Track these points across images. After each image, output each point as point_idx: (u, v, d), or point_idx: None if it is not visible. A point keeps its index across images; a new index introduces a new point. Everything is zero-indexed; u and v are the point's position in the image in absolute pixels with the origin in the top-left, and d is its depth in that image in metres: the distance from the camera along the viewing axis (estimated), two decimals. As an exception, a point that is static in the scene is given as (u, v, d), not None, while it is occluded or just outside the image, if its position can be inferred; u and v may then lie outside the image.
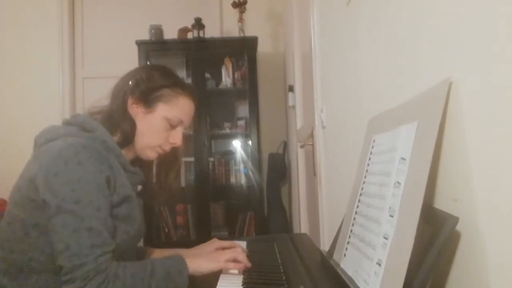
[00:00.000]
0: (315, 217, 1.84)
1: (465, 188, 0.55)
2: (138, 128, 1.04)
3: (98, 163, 0.89)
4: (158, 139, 1.05)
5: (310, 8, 1.79)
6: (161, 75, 1.07)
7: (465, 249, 0.55)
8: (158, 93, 1.04)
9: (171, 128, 1.06)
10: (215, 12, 3.36)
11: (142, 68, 1.10)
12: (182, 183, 3.06)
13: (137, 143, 1.04)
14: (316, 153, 1.75)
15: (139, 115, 1.04)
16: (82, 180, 0.86)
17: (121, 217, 0.94)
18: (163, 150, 1.08)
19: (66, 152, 0.87)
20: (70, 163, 0.86)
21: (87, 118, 1.00)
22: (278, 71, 3.32)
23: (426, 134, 0.58)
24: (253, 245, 1.22)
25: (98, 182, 0.88)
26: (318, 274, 0.85)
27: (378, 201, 0.68)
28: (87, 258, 0.82)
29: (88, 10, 3.37)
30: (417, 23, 0.72)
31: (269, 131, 3.21)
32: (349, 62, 1.23)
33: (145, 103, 1.04)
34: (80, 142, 0.90)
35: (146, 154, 1.07)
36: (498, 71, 0.48)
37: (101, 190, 0.88)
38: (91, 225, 0.84)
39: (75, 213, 0.84)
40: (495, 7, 0.49)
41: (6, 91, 3.12)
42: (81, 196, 0.85)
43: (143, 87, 1.04)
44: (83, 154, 0.88)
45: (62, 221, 0.83)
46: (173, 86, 1.06)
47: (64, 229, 0.83)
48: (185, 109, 1.08)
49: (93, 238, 0.83)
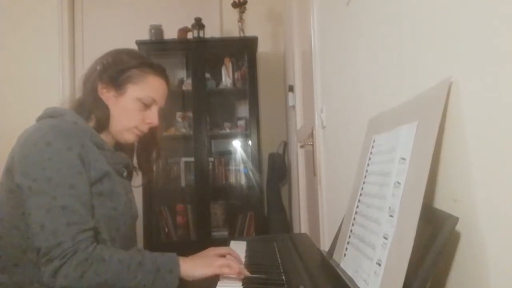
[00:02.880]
0: (315, 217, 1.84)
1: (465, 188, 0.55)
2: (112, 112, 1.03)
3: (67, 141, 0.88)
4: (133, 120, 1.04)
5: (310, 8, 1.79)
6: (128, 56, 1.06)
7: (465, 249, 0.55)
8: (126, 75, 1.03)
9: (145, 108, 1.05)
10: (215, 12, 3.36)
11: (109, 52, 1.08)
12: (182, 183, 3.07)
13: (113, 127, 1.04)
14: (316, 153, 1.75)
15: (111, 99, 1.03)
16: (52, 159, 0.85)
17: (104, 193, 0.93)
18: (140, 131, 1.06)
19: (34, 135, 0.88)
20: (38, 144, 0.86)
21: (54, 108, 1.01)
22: (278, 71, 3.32)
23: (426, 134, 0.58)
24: (253, 245, 1.22)
25: (70, 159, 0.87)
26: (318, 274, 0.85)
27: (378, 201, 0.68)
28: (63, 237, 0.80)
29: (88, 10, 3.37)
30: (417, 23, 0.72)
31: (269, 131, 3.21)
32: (349, 62, 1.23)
33: (115, 86, 1.02)
34: (47, 124, 0.90)
35: (124, 138, 1.05)
36: (498, 71, 0.48)
37: (73, 167, 0.87)
38: (64, 203, 0.83)
39: (47, 192, 0.83)
40: (495, 7, 0.49)
41: (6, 91, 3.12)
42: (52, 175, 0.84)
43: (110, 70, 1.02)
44: (50, 135, 0.87)
45: (35, 202, 0.83)
46: (140, 66, 1.04)
47: (37, 209, 0.82)
48: (155, 87, 1.06)
49: (68, 216, 0.82)
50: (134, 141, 1.09)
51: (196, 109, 3.00)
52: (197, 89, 3.01)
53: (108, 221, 0.93)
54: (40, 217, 0.82)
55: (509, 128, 0.46)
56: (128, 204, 1.01)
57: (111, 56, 1.06)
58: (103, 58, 1.06)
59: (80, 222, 0.83)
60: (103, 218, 0.92)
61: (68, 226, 0.81)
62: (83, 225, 0.83)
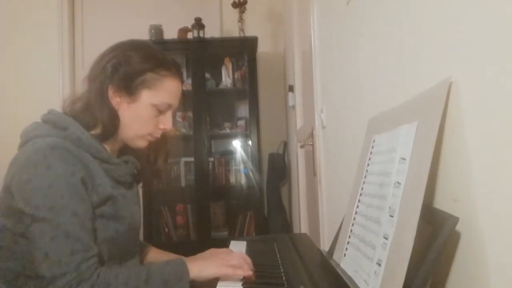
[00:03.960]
0: (315, 217, 1.84)
1: (465, 188, 0.55)
2: (124, 118, 0.95)
3: (69, 165, 0.83)
4: (148, 127, 0.98)
5: (310, 8, 1.79)
6: (141, 56, 0.96)
7: (465, 249, 0.55)
8: (141, 79, 0.94)
9: (159, 114, 0.98)
10: (215, 12, 3.36)
11: (118, 48, 0.98)
12: (182, 183, 3.07)
13: (124, 133, 0.97)
14: (316, 153, 1.75)
15: (123, 105, 0.95)
16: (54, 185, 0.81)
17: (107, 215, 0.90)
18: (153, 137, 1.00)
19: (34, 157, 0.83)
20: (39, 168, 0.81)
21: (60, 115, 0.93)
22: (278, 71, 3.32)
23: (426, 134, 0.58)
24: (253, 245, 1.22)
25: (72, 185, 0.83)
26: (318, 274, 0.85)
27: (378, 201, 0.68)
28: (68, 267, 0.78)
29: (88, 10, 3.37)
30: (417, 23, 0.72)
31: (269, 131, 3.21)
32: (349, 62, 1.23)
33: (128, 91, 0.94)
34: (48, 144, 0.84)
35: (135, 144, 0.99)
36: (498, 71, 0.48)
37: (76, 193, 0.83)
38: (68, 230, 0.79)
39: (49, 220, 0.79)
40: (495, 7, 0.49)
41: (6, 92, 3.12)
42: (54, 202, 0.80)
43: (122, 73, 0.93)
44: (51, 157, 0.82)
45: (38, 229, 0.79)
46: (156, 68, 0.95)
47: (41, 237, 0.79)
48: (172, 92, 0.98)
49: (72, 244, 0.79)
50: (145, 147, 1.02)
51: (196, 109, 3.00)
52: (197, 89, 3.01)
53: (110, 242, 0.90)
54: (44, 245, 0.79)
55: (509, 128, 0.46)
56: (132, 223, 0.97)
57: (122, 54, 0.96)
58: (112, 55, 0.96)
59: (83, 250, 0.80)
60: (104, 240, 0.89)
61: (72, 255, 0.79)
62: (87, 252, 0.81)
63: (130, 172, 1.01)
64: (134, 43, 1.01)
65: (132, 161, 1.03)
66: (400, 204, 0.59)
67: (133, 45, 1.00)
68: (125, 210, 0.95)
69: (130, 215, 0.96)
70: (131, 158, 1.03)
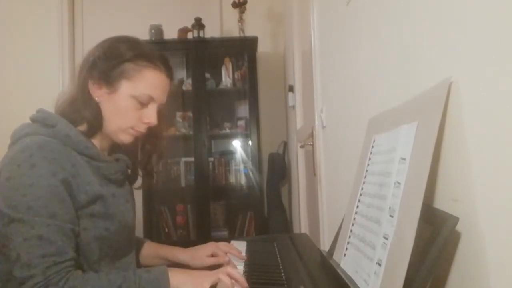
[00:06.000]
0: (315, 217, 1.84)
1: (465, 188, 0.55)
2: (105, 111, 0.94)
3: (53, 165, 0.82)
4: (128, 120, 0.95)
5: (310, 8, 1.79)
6: (122, 48, 0.95)
7: (465, 249, 0.55)
8: (119, 69, 0.93)
9: (141, 106, 0.95)
10: (215, 12, 3.36)
11: (103, 42, 0.97)
12: (182, 183, 3.07)
13: (107, 127, 0.95)
14: (316, 153, 1.75)
15: (103, 97, 0.93)
16: (33, 185, 0.79)
17: (97, 214, 0.88)
18: (137, 131, 0.97)
19: (19, 156, 0.82)
20: (22, 166, 0.80)
21: (48, 113, 0.93)
22: (278, 71, 3.32)
23: (426, 134, 0.58)
24: (253, 245, 1.22)
25: (52, 186, 0.81)
26: (318, 274, 0.85)
27: (378, 201, 0.68)
28: (35, 269, 0.76)
29: (88, 10, 3.37)
30: (417, 23, 0.72)
31: (269, 131, 3.21)
32: (349, 62, 1.23)
33: (107, 82, 0.93)
34: (36, 143, 0.83)
35: (119, 138, 0.97)
36: (498, 71, 0.48)
37: (56, 194, 0.81)
38: (42, 233, 0.78)
39: (25, 221, 0.78)
40: (495, 7, 0.49)
41: (6, 91, 3.12)
42: (32, 203, 0.78)
43: (101, 65, 0.92)
44: (37, 156, 0.81)
45: (14, 229, 0.78)
46: (136, 59, 0.94)
47: (15, 238, 0.78)
48: (153, 83, 0.95)
49: (44, 247, 0.77)
50: (131, 142, 0.99)
51: (196, 109, 3.00)
52: (197, 89, 3.01)
53: (101, 241, 0.89)
54: (17, 245, 0.77)
55: (509, 128, 0.46)
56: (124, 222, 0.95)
57: (104, 48, 0.95)
58: (95, 49, 0.96)
59: (55, 254, 0.78)
60: (94, 239, 0.88)
61: (43, 258, 0.77)
62: (59, 257, 0.78)
63: (121, 170, 1.00)
64: (120, 38, 1.00)
65: (123, 159, 1.02)
66: (400, 204, 0.59)
67: (118, 39, 0.99)
68: (115, 208, 0.93)
69: (121, 213, 0.95)
70: (123, 156, 1.02)
